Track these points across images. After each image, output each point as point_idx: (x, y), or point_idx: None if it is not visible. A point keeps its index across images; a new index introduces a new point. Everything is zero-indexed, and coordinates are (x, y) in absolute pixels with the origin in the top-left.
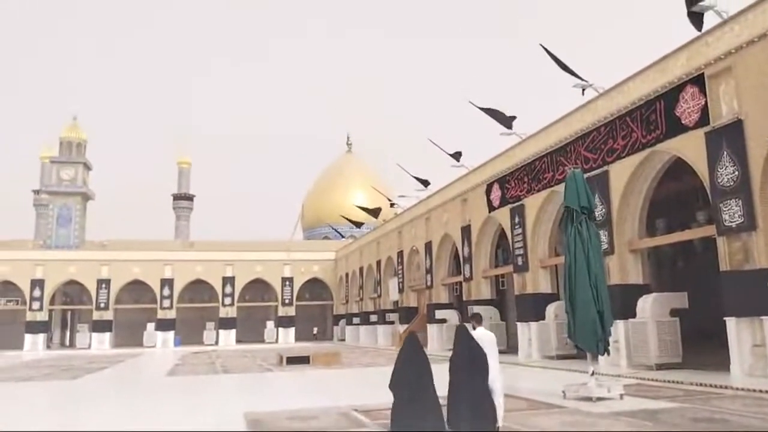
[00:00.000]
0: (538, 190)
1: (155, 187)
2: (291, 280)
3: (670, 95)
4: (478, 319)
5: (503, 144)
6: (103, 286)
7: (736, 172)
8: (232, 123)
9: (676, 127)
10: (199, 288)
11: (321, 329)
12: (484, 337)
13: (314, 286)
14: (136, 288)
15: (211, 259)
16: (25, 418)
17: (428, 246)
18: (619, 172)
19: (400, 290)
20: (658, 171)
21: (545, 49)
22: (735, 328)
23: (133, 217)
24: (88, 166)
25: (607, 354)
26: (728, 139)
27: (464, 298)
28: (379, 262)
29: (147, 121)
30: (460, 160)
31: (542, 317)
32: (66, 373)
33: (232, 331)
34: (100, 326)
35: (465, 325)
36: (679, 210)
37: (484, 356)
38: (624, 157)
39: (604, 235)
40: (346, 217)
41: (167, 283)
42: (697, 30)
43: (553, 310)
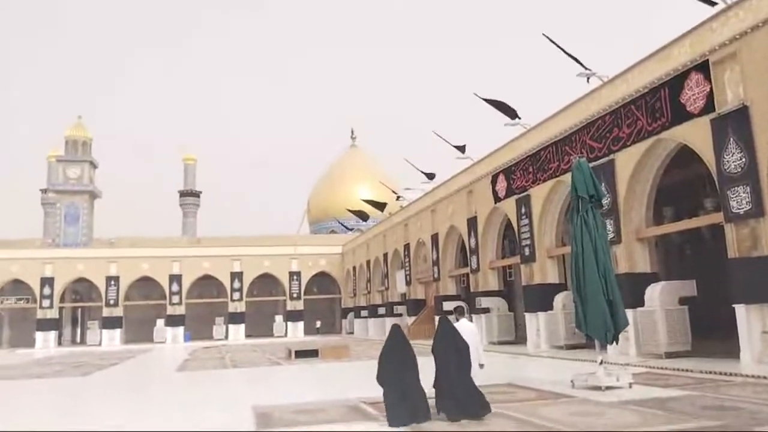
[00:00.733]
0: (544, 180)
1: (162, 184)
2: (298, 274)
3: (675, 82)
4: (461, 312)
5: (508, 135)
6: (112, 283)
7: (743, 159)
8: (236, 118)
9: (681, 115)
10: (207, 283)
11: (328, 322)
12: (465, 328)
13: (322, 280)
14: (145, 284)
15: (219, 254)
16: (35, 415)
17: (434, 238)
18: (625, 161)
19: (408, 283)
20: (664, 159)
21: (549, 39)
22: (744, 314)
23: (141, 215)
24: (94, 165)
25: (616, 343)
26: (734, 125)
27: (472, 290)
28: (386, 255)
29: (151, 118)
30: (465, 152)
31: (550, 307)
32: (77, 370)
33: (242, 326)
34: (110, 323)
35: (447, 317)
36: (686, 197)
37: (467, 346)
38: (630, 146)
39: (610, 224)
40: (352, 211)
41: (176, 279)
42: (711, 6)
43: (561, 300)
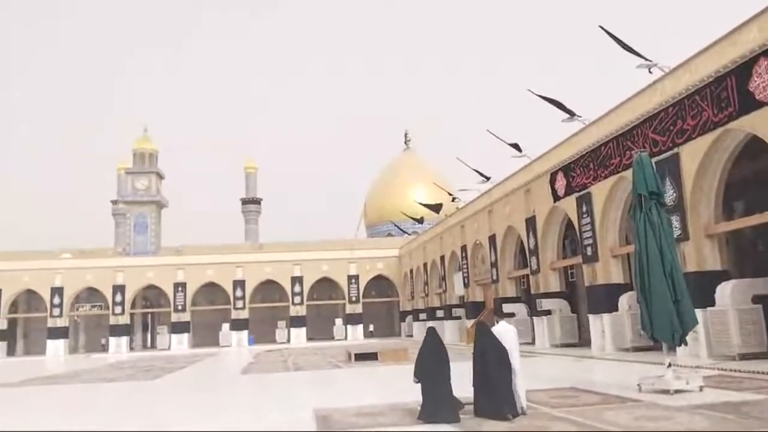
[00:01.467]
0: (605, 177)
1: (224, 193)
2: (356, 278)
3: (742, 70)
4: (501, 315)
5: (565, 132)
6: (180, 289)
7: None
8: (294, 125)
9: (749, 104)
10: (269, 288)
11: (387, 325)
12: (505, 330)
13: (380, 283)
14: (211, 290)
15: (280, 259)
16: (109, 417)
17: (492, 239)
18: (691, 154)
19: (466, 285)
20: (732, 150)
21: (605, 31)
22: None
23: (205, 223)
24: (160, 176)
25: (685, 345)
26: None
27: (532, 291)
28: (442, 258)
29: (214, 128)
30: (521, 150)
31: (615, 308)
32: (147, 374)
33: (303, 329)
34: (178, 327)
35: (484, 323)
36: (758, 190)
37: (505, 350)
38: (695, 138)
39: (676, 221)
40: (408, 214)
41: (239, 284)
42: None
43: (626, 300)
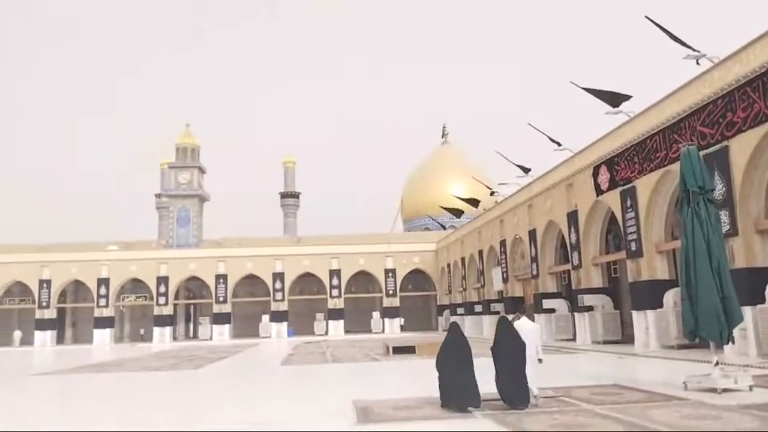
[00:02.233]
0: (651, 171)
1: (263, 187)
2: (393, 271)
3: None
4: (522, 310)
5: (608, 125)
6: (221, 281)
7: None
8: (332, 119)
9: None
10: (308, 281)
11: (424, 319)
12: (526, 326)
13: (417, 277)
14: (251, 282)
15: (318, 253)
16: (154, 404)
17: (532, 234)
18: (741, 147)
19: (505, 280)
20: None
21: (652, 21)
22: None
23: (245, 216)
24: (202, 170)
25: (732, 343)
26: None
27: (573, 287)
28: (481, 252)
29: (253, 123)
30: (562, 144)
31: (660, 305)
32: (190, 363)
33: (341, 322)
34: (219, 318)
35: (506, 316)
36: None
37: (522, 343)
38: (745, 131)
39: (725, 216)
40: (446, 208)
41: (278, 276)
42: None
43: (671, 297)
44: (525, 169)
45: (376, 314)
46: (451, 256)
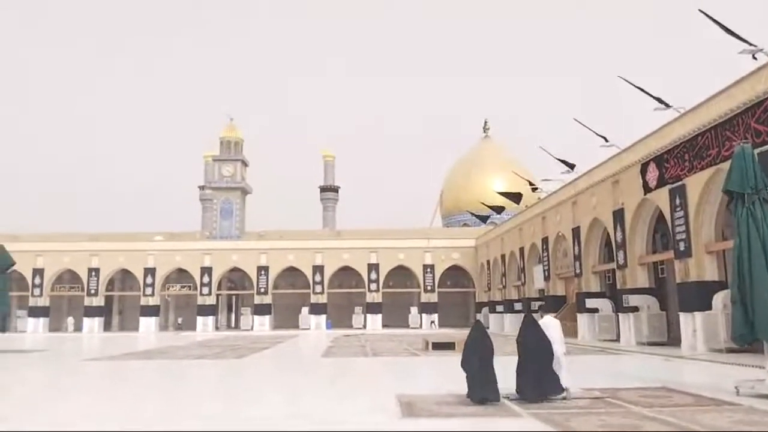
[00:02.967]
0: (702, 169)
1: (303, 180)
2: (432, 267)
3: None
4: (546, 309)
5: (657, 121)
6: (263, 272)
7: None
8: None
9: None
10: (347, 274)
11: (462, 316)
12: (550, 323)
13: (455, 274)
14: (291, 274)
15: (357, 246)
16: (203, 391)
17: (576, 231)
18: None
19: (546, 278)
20: None
21: (706, 15)
22: None
23: (285, 209)
24: (245, 163)
25: None
26: None
27: (618, 287)
28: (522, 249)
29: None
30: (609, 140)
31: (708, 307)
32: (233, 353)
33: (379, 316)
34: (260, 309)
35: (531, 315)
36: None
37: (547, 339)
38: None
39: None
40: (486, 204)
41: (318, 269)
42: None
43: (721, 299)
44: (570, 165)
45: (414, 309)
46: (490, 253)
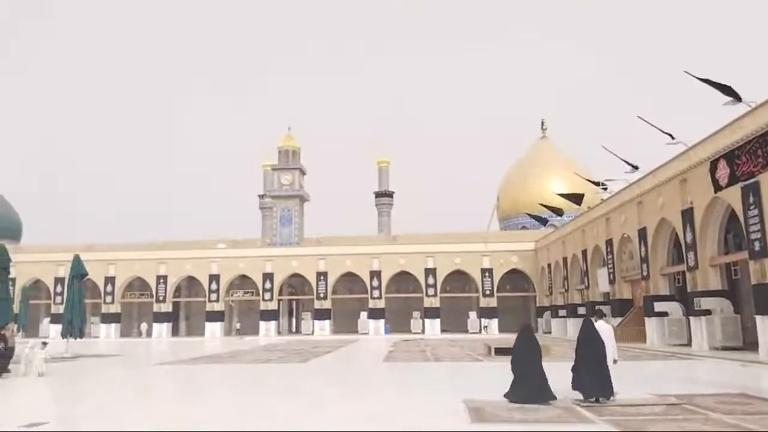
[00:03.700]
0: None
1: (359, 187)
2: (490, 271)
3: None
4: (600, 314)
5: (725, 116)
6: (322, 278)
7: None
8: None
9: None
10: (404, 279)
11: (518, 321)
12: (603, 327)
13: (515, 278)
14: (349, 279)
15: (413, 251)
16: (267, 396)
17: (642, 233)
18: None
19: (611, 281)
20: None
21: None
22: None
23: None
24: (303, 171)
25: None
26: None
27: (689, 289)
28: (584, 252)
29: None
30: (675, 137)
31: None
32: (297, 357)
33: (437, 321)
34: (320, 314)
35: (590, 318)
36: None
37: (602, 341)
38: None
39: None
40: (546, 205)
41: (375, 274)
42: None
43: None
44: (633, 166)
45: (473, 314)
46: (551, 256)
